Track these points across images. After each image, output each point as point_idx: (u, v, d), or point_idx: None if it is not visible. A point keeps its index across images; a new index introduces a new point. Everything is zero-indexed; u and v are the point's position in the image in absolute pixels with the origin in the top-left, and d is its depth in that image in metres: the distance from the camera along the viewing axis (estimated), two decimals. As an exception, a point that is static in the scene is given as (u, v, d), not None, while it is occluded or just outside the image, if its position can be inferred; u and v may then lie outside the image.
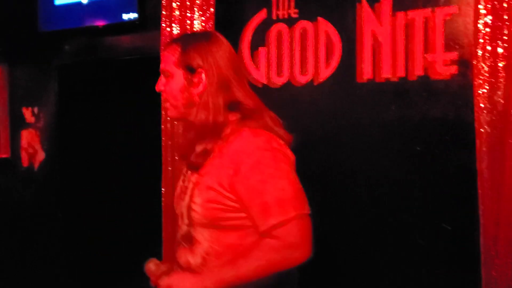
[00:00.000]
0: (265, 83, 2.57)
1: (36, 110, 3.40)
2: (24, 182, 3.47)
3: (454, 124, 2.12)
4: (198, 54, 1.38)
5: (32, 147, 3.43)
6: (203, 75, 1.37)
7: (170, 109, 1.45)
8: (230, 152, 1.30)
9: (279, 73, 2.54)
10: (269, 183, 1.25)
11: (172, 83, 1.40)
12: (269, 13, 2.54)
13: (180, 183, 1.49)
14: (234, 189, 1.28)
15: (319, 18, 2.41)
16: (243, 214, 1.30)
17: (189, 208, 1.36)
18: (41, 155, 3.40)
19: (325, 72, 2.42)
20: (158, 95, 2.62)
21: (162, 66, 1.43)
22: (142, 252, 1.73)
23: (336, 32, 2.38)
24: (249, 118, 1.35)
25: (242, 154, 1.28)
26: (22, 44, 3.32)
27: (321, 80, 2.43)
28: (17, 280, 3.38)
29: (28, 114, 3.44)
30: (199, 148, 1.35)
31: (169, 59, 1.41)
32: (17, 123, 3.48)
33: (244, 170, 1.26)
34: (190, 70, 1.38)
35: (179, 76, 1.39)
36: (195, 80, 1.38)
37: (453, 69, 2.12)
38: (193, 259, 1.35)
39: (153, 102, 2.73)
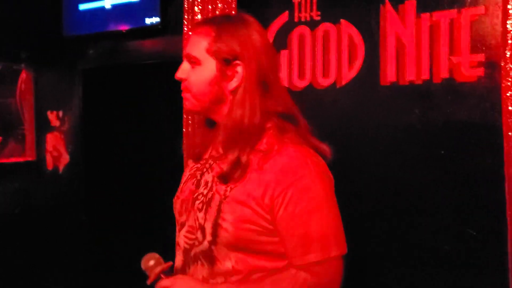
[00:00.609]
0: (286, 86, 2.56)
1: (61, 113, 3.46)
2: (49, 184, 3.53)
3: (480, 127, 2.07)
4: (237, 42, 1.19)
5: (57, 150, 3.48)
6: (240, 68, 1.19)
7: (190, 102, 1.25)
8: (275, 169, 1.14)
9: (301, 76, 2.52)
10: (315, 214, 1.13)
11: (199, 72, 1.21)
12: (291, 15, 2.53)
13: (191, 186, 1.30)
14: (274, 212, 1.13)
15: (342, 21, 2.39)
16: (277, 239, 1.16)
17: (216, 225, 1.17)
18: (65, 158, 3.45)
19: (348, 75, 2.40)
20: (180, 99, 2.65)
21: (188, 50, 1.23)
22: (167, 255, 1.74)
23: (359, 34, 2.35)
24: (289, 131, 1.21)
25: (290, 175, 1.13)
26: (47, 49, 3.38)
27: (344, 83, 2.41)
28: (40, 281, 3.43)
29: (53, 117, 3.49)
30: (231, 156, 1.17)
31: (199, 44, 1.20)
32: (42, 127, 3.55)
33: (291, 195, 1.12)
34: (226, 60, 1.19)
35: (210, 65, 1.20)
36: (230, 73, 1.20)
37: (480, 71, 2.07)
38: (212, 280, 1.20)
39: (175, 106, 2.75)
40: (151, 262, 1.23)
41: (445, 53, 2.14)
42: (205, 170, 1.28)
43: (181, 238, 1.27)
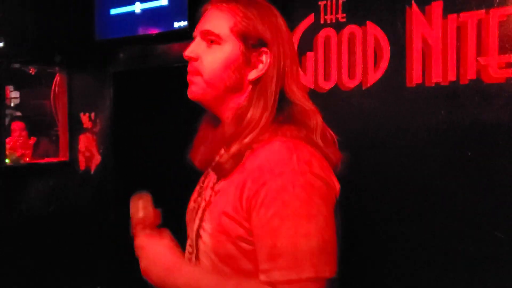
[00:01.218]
0: (312, 87, 2.58)
1: (93, 115, 3.57)
2: (81, 184, 3.64)
3: (508, 129, 2.04)
4: (267, 28, 1.03)
5: (89, 151, 3.59)
6: (266, 57, 1.03)
7: (200, 87, 1.05)
8: (253, 166, 0.96)
9: (327, 77, 2.54)
10: (289, 222, 0.89)
11: (218, 53, 1.03)
12: (317, 18, 2.55)
13: (195, 195, 1.18)
14: (250, 217, 0.94)
15: (368, 22, 2.39)
16: None
17: (197, 236, 1.04)
18: (97, 159, 3.55)
19: (374, 77, 2.40)
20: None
21: (207, 26, 1.05)
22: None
23: (385, 36, 2.35)
24: (288, 123, 1.01)
25: (266, 172, 0.92)
26: (80, 53, 3.49)
27: (370, 84, 2.41)
28: (71, 279, 3.53)
29: (85, 119, 3.60)
30: (235, 148, 1.00)
31: (223, 21, 1.03)
32: (75, 128, 3.66)
33: (264, 195, 0.91)
34: (253, 45, 1.03)
35: (233, 47, 1.02)
36: (253, 60, 1.03)
37: (508, 72, 2.04)
38: None
39: (204, 108, 2.80)
40: (140, 214, 1.09)
41: (472, 54, 2.12)
42: (207, 176, 1.16)
43: (187, 249, 1.13)
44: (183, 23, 2.90)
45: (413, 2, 2.26)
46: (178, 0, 2.93)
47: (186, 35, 2.95)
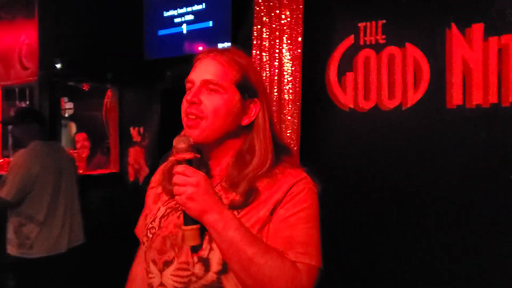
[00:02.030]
0: (351, 107, 2.62)
1: (141, 129, 3.74)
2: (130, 194, 3.82)
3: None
4: (258, 81, 1.21)
5: (138, 163, 3.76)
6: (256, 105, 1.19)
7: (202, 128, 1.14)
8: (282, 189, 1.14)
9: (367, 97, 2.57)
10: (303, 224, 1.12)
11: (220, 100, 1.14)
12: (357, 39, 2.59)
13: (175, 220, 1.19)
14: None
15: (407, 44, 2.41)
16: None
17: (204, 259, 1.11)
18: (145, 171, 3.72)
19: (414, 97, 2.42)
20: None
21: (210, 77, 1.16)
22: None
23: (425, 57, 2.37)
24: (284, 160, 1.21)
25: (293, 189, 1.14)
26: (130, 70, 3.67)
27: (409, 105, 2.43)
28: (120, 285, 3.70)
29: (134, 133, 3.78)
30: (244, 187, 1.13)
31: (226, 74, 1.16)
32: (125, 141, 3.85)
33: (286, 202, 1.12)
34: (248, 96, 1.18)
35: (233, 97, 1.16)
36: (246, 108, 1.19)
37: (551, 96, 2.02)
38: None
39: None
40: (182, 145, 1.11)
41: (514, 77, 2.11)
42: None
43: (168, 278, 1.13)
44: (226, 44, 3.00)
45: (453, 24, 2.27)
46: (222, 22, 3.04)
47: (229, 55, 3.07)
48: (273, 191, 1.13)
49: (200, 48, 3.15)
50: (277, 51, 2.70)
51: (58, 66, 3.32)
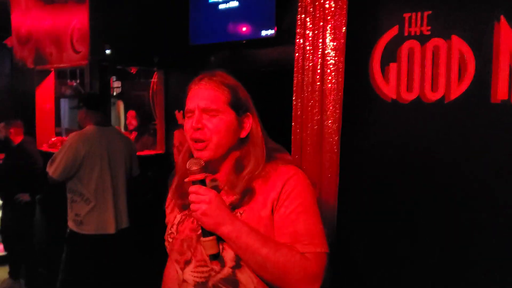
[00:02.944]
0: (394, 98, 2.62)
1: (186, 113, 3.85)
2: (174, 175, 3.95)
3: None
4: (247, 97, 1.38)
5: (182, 146, 3.88)
6: (249, 118, 1.36)
7: (212, 150, 1.30)
8: (276, 187, 1.29)
9: (409, 89, 2.56)
10: (303, 215, 1.26)
11: (219, 122, 1.30)
12: (401, 30, 2.56)
13: (190, 225, 1.36)
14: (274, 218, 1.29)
15: (453, 36, 2.38)
16: None
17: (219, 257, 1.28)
18: (189, 153, 3.84)
19: (457, 91, 2.39)
20: (289, 106, 2.83)
21: (205, 105, 1.30)
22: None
23: (470, 50, 2.33)
24: (276, 158, 1.37)
25: (287, 186, 1.28)
26: (175, 55, 3.76)
27: (453, 98, 2.41)
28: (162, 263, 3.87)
29: (179, 116, 3.90)
30: (240, 187, 1.29)
31: (218, 98, 1.31)
32: (171, 123, 3.97)
33: (284, 199, 1.27)
34: (242, 113, 1.35)
35: (230, 116, 1.32)
36: (242, 122, 1.35)
37: None
38: None
39: (285, 111, 2.95)
40: (195, 168, 1.25)
41: None
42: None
43: (189, 274, 1.32)
44: (270, 32, 3.04)
45: (502, 16, 2.22)
46: (266, 10, 3.07)
47: (272, 42, 3.11)
48: (268, 189, 1.29)
49: (244, 29, 3.19)
50: (320, 40, 2.71)
51: (108, 51, 3.45)
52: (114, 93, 5.61)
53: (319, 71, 2.74)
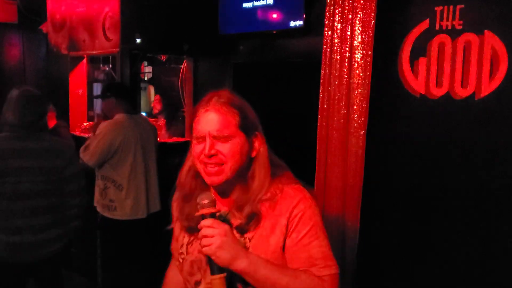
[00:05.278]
0: (423, 93, 2.57)
1: (214, 101, 3.87)
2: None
3: None
4: (255, 118, 1.35)
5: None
6: (258, 139, 1.33)
7: (224, 173, 1.28)
8: (283, 211, 1.28)
9: (439, 84, 2.51)
10: (315, 239, 1.27)
11: (232, 146, 1.28)
12: (432, 23, 2.51)
13: (199, 247, 1.29)
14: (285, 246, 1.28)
15: (486, 31, 2.31)
16: None
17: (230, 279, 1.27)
18: (217, 141, 3.87)
19: (488, 88, 2.34)
20: (316, 96, 2.82)
21: (217, 132, 1.27)
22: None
23: (504, 46, 2.27)
24: (279, 176, 1.34)
25: (296, 211, 1.27)
26: (205, 44, 3.77)
27: (483, 95, 2.36)
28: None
29: (207, 105, 3.92)
30: (247, 210, 1.28)
31: (229, 123, 1.28)
32: (199, 111, 4.00)
33: (294, 225, 1.27)
34: (252, 134, 1.32)
35: (241, 139, 1.29)
36: (253, 143, 1.33)
37: None
38: None
39: (312, 101, 2.95)
40: (205, 201, 1.26)
41: None
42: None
43: None
44: (298, 23, 3.01)
45: (538, 12, 2.15)
46: (295, 1, 3.04)
47: (300, 34, 3.09)
48: (276, 215, 1.28)
49: (273, 19, 3.17)
50: (348, 33, 2.67)
51: (138, 40, 3.49)
52: (145, 78, 5.69)
53: (346, 64, 2.71)
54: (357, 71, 2.67)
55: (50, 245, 2.45)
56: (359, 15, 2.64)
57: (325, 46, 2.79)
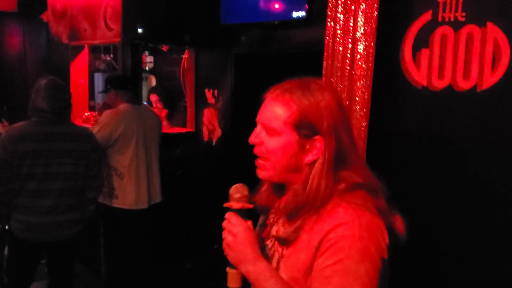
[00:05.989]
0: (425, 85, 2.58)
1: (216, 92, 3.88)
2: (204, 153, 4.03)
3: None
4: (318, 118, 1.14)
5: (212, 124, 3.94)
6: (320, 143, 1.15)
7: (268, 171, 1.20)
8: (322, 232, 1.10)
9: (441, 76, 2.51)
10: (339, 275, 1.05)
11: (276, 142, 1.16)
12: (435, 15, 2.50)
13: (264, 234, 1.29)
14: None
15: (489, 24, 2.31)
16: None
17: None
18: (218, 132, 3.89)
19: (490, 80, 2.34)
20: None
21: (265, 120, 1.18)
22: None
23: (506, 39, 2.26)
24: (351, 192, 1.14)
25: (332, 234, 1.08)
26: (206, 34, 3.77)
27: (485, 87, 2.36)
28: (192, 236, 3.98)
29: (209, 95, 3.93)
30: (296, 223, 1.16)
31: (278, 114, 1.16)
32: (200, 102, 4.02)
33: (325, 248, 1.08)
34: (306, 136, 1.15)
35: (289, 138, 1.15)
36: (308, 146, 1.16)
37: None
38: None
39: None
40: (237, 195, 1.22)
41: None
42: (273, 222, 1.29)
43: None
44: (301, 13, 3.01)
45: (541, 4, 2.14)
46: (297, -8, 3.04)
47: (302, 24, 3.08)
48: (315, 231, 1.12)
49: (275, 10, 3.16)
50: (351, 24, 2.67)
51: (140, 30, 3.48)
52: (147, 68, 5.68)
53: (349, 55, 2.71)
54: (360, 63, 2.67)
55: (71, 226, 2.66)
56: (361, 6, 2.63)
57: (327, 37, 2.79)
